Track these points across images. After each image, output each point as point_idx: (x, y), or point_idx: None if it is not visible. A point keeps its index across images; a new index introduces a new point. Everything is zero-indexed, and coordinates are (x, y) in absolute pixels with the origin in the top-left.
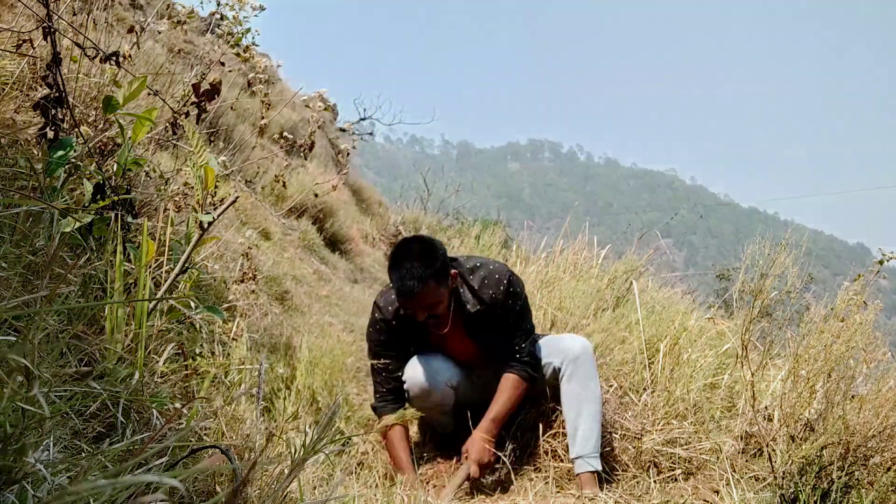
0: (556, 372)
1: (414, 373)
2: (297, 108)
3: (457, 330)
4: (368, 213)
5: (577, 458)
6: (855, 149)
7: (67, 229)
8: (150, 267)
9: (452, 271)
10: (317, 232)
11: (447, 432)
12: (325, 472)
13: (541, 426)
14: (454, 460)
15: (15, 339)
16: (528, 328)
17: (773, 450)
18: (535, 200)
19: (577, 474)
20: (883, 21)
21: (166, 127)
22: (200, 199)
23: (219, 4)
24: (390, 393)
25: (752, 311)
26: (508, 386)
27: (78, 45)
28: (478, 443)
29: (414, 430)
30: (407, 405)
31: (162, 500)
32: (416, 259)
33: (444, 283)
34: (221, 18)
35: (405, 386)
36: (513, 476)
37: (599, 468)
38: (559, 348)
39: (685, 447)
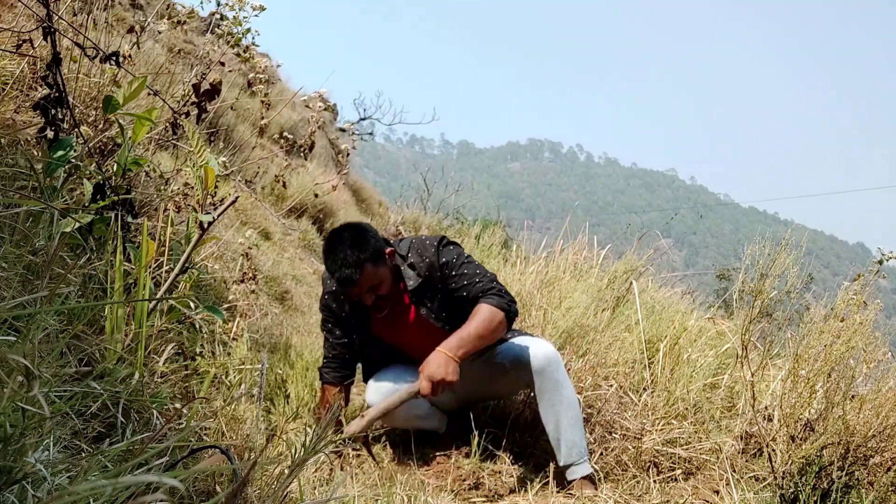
0: (525, 382)
1: (371, 395)
2: (297, 108)
3: (406, 314)
4: (368, 213)
5: (566, 467)
6: (855, 149)
7: (67, 229)
8: (150, 267)
9: (388, 249)
10: (317, 232)
11: (442, 432)
12: (325, 472)
13: (540, 426)
14: (453, 459)
15: (15, 339)
16: (481, 272)
17: (773, 450)
18: (535, 200)
19: (570, 481)
20: (884, 20)
21: (166, 127)
22: (200, 199)
23: (219, 4)
24: (335, 359)
25: (752, 311)
26: (479, 311)
27: (78, 45)
28: (435, 357)
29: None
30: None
31: (162, 500)
32: (349, 247)
33: (381, 263)
34: (221, 18)
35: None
36: (514, 476)
37: (590, 471)
38: (523, 360)
39: (685, 447)
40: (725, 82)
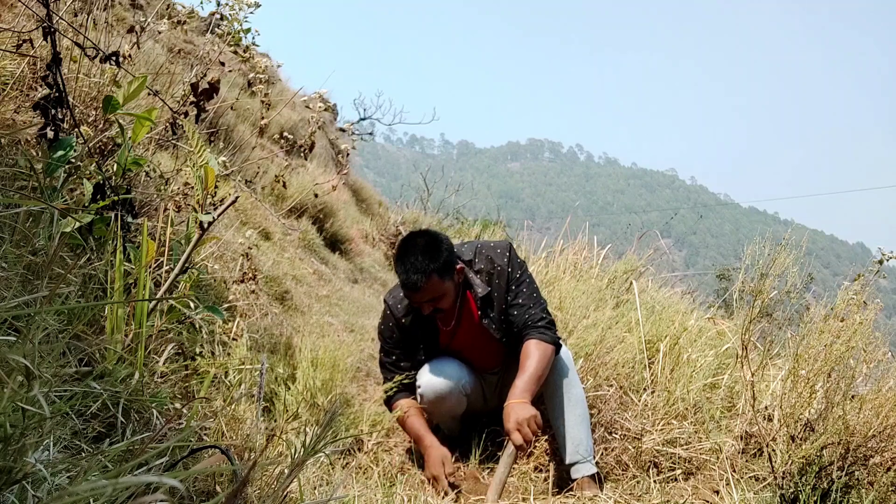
0: None
1: (428, 378)
2: (297, 108)
3: (468, 322)
4: (368, 213)
5: (571, 464)
6: (855, 149)
7: (67, 229)
8: (150, 267)
9: (458, 265)
10: (317, 232)
11: (454, 436)
12: (326, 472)
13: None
14: (453, 459)
15: (15, 339)
16: (536, 296)
17: (773, 450)
18: (535, 200)
19: (575, 479)
20: (884, 19)
21: (166, 127)
22: (200, 199)
23: (219, 4)
24: (399, 387)
25: (752, 311)
26: (529, 352)
27: (78, 45)
28: (510, 410)
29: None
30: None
31: (162, 501)
32: (421, 253)
33: (448, 277)
34: (221, 18)
35: (419, 391)
36: (514, 476)
37: (595, 470)
38: None
39: (685, 447)
40: (726, 82)
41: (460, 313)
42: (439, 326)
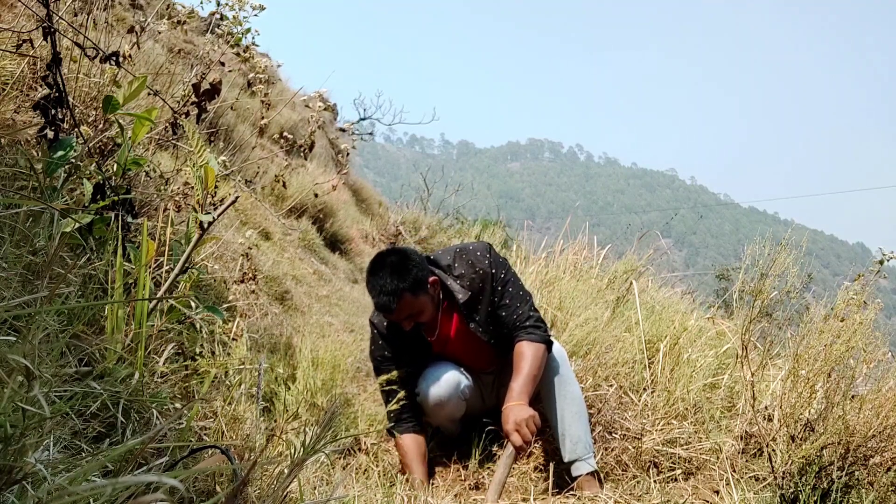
0: None
1: (427, 386)
2: (297, 108)
3: (455, 327)
4: (368, 213)
5: (571, 462)
6: (855, 149)
7: (67, 229)
8: (150, 267)
9: (431, 278)
10: (317, 232)
11: (453, 437)
12: (326, 472)
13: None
14: (453, 459)
15: (15, 339)
16: (523, 294)
17: (773, 450)
18: (535, 200)
19: (575, 477)
20: (884, 19)
21: (166, 127)
22: (200, 199)
23: (219, 4)
24: (403, 410)
25: (752, 311)
26: (522, 353)
27: (78, 45)
28: (508, 412)
29: None
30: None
31: (162, 500)
32: (389, 274)
33: (421, 292)
34: (221, 18)
35: (418, 399)
36: (514, 476)
37: (595, 467)
38: None
39: (685, 447)
40: (726, 82)
41: (449, 320)
42: (426, 337)
